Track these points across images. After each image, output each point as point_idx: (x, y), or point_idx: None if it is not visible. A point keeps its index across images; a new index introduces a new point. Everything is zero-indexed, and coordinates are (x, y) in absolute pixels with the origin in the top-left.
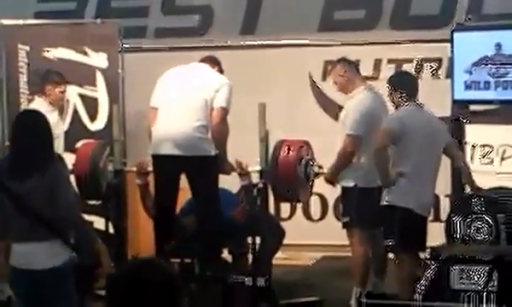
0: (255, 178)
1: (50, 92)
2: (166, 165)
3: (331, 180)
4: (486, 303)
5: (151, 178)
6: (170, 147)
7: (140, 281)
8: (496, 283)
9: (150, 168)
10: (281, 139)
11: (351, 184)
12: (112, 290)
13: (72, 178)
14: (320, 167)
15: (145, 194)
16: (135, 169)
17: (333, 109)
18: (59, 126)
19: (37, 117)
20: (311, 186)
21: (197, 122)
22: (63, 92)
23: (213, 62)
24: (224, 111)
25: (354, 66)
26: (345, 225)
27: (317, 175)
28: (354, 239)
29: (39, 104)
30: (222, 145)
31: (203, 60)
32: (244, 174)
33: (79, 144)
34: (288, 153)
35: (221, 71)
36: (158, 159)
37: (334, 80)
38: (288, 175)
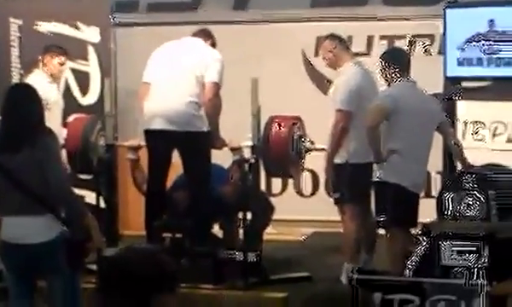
0: (247, 154)
1: (50, 64)
2: (159, 139)
3: (330, 157)
4: (477, 279)
5: (142, 153)
6: (162, 122)
7: (133, 274)
8: (486, 259)
9: (142, 143)
10: (272, 115)
11: (342, 161)
12: (105, 279)
13: (64, 153)
14: (312, 143)
15: (136, 169)
16: (126, 144)
17: (325, 85)
18: (58, 101)
19: (27, 90)
20: (303, 162)
21: (189, 98)
22: (63, 64)
23: (206, 35)
24: (217, 85)
25: (343, 41)
26: (336, 201)
27: (308, 151)
28: (346, 215)
29: (39, 76)
30: (214, 120)
31: (196, 34)
32: (236, 149)
33: (71, 118)
34: (280, 129)
35: (214, 44)
36: (150, 134)
37: (323, 56)
38: (279, 151)
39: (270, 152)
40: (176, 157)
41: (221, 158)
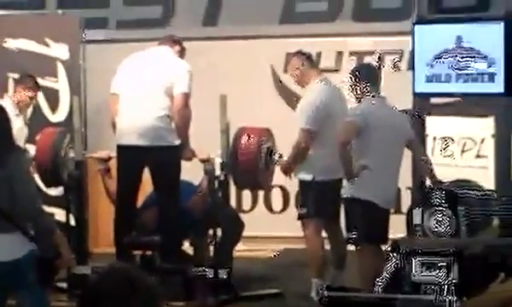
0: (217, 168)
1: (21, 95)
2: (129, 155)
3: (286, 172)
4: (447, 295)
5: (112, 163)
6: (133, 137)
7: (116, 294)
8: (456, 275)
9: (111, 154)
10: (241, 126)
11: (308, 178)
12: (86, 297)
13: (34, 168)
14: (281, 156)
15: (108, 179)
16: (95, 155)
17: (294, 101)
18: (22, 130)
19: None
20: (272, 173)
21: (159, 112)
22: (33, 99)
23: (173, 42)
24: (186, 96)
25: (310, 59)
26: (300, 217)
27: (277, 162)
28: (309, 230)
29: (7, 104)
30: (184, 131)
31: (162, 42)
32: (205, 160)
33: (40, 133)
34: (249, 140)
35: (182, 49)
36: (121, 149)
37: (290, 73)
38: (248, 162)
39: (239, 163)
40: (147, 174)
41: (190, 174)
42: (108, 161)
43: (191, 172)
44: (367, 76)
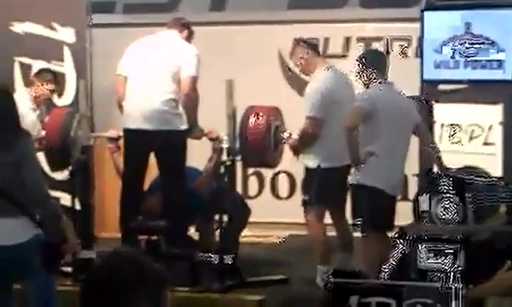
0: (223, 156)
1: (38, 89)
2: (135, 139)
3: (295, 152)
4: (453, 282)
5: (121, 142)
6: (139, 121)
7: (121, 278)
8: (462, 263)
9: (121, 133)
10: (250, 105)
11: (313, 165)
12: (90, 281)
13: (42, 153)
14: (290, 135)
15: (117, 157)
16: (106, 134)
17: (302, 87)
18: (35, 126)
19: (2, 92)
20: (281, 152)
21: (166, 95)
22: (53, 92)
23: (182, 26)
24: (193, 79)
25: (314, 47)
26: (304, 203)
27: (285, 141)
28: (310, 217)
29: (22, 99)
30: (193, 113)
31: (171, 26)
32: (215, 138)
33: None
34: (258, 118)
35: (191, 33)
36: (127, 133)
37: (295, 62)
38: (257, 140)
39: (248, 141)
40: (152, 158)
41: (198, 161)
42: (118, 140)
43: (201, 157)
44: (374, 62)
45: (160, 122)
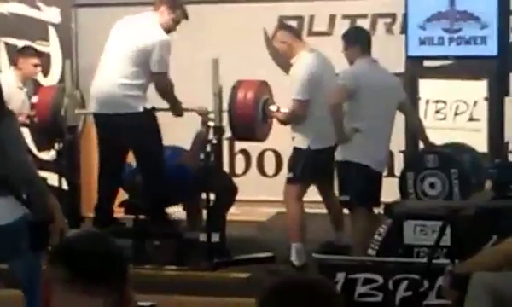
0: (210, 134)
1: (25, 65)
2: (99, 123)
3: (284, 124)
4: (439, 257)
5: None
6: (96, 105)
7: (86, 254)
8: (448, 238)
9: None
10: (239, 79)
11: (303, 146)
12: (57, 252)
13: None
14: (278, 108)
15: None
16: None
17: (287, 65)
18: (24, 104)
19: None
20: (270, 126)
21: (121, 80)
22: (37, 66)
23: (171, 6)
24: (161, 75)
25: (295, 31)
26: (288, 181)
27: (274, 115)
28: (290, 195)
29: (9, 77)
30: (167, 96)
31: (156, 7)
32: (203, 113)
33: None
34: (246, 92)
35: (184, 14)
36: (94, 117)
37: (277, 46)
38: (246, 113)
39: (238, 115)
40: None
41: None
42: None
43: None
44: (358, 39)
45: (117, 105)
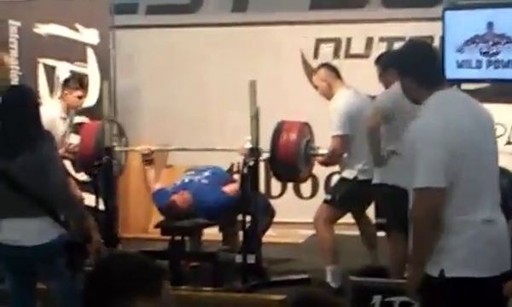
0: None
1: (68, 97)
2: None
3: (325, 165)
4: None
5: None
6: None
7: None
8: None
9: (152, 147)
10: (281, 120)
11: (350, 176)
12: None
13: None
14: (317, 148)
15: (147, 170)
16: (137, 149)
17: None
18: (66, 135)
19: (25, 94)
20: (312, 166)
21: None
22: (81, 98)
23: None
24: None
25: (336, 71)
26: (325, 202)
27: (315, 155)
28: (327, 217)
29: (53, 109)
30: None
31: None
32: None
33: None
34: (289, 134)
35: None
36: None
37: (315, 84)
38: (289, 156)
39: (280, 157)
40: (174, 157)
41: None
42: (150, 155)
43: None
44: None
45: None
